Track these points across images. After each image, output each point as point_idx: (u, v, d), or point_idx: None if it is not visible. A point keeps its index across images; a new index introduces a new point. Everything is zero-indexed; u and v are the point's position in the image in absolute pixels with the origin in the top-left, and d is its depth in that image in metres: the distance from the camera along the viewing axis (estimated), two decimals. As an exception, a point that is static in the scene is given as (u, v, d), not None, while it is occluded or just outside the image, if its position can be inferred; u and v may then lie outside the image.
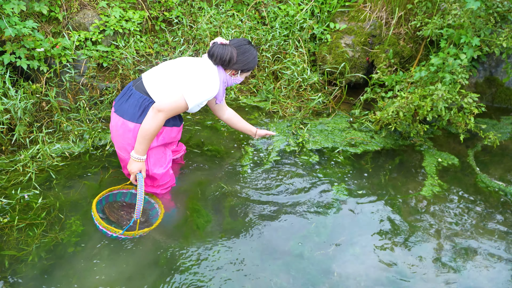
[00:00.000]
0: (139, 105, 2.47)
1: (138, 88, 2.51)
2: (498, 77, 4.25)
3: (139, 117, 2.46)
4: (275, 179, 3.19)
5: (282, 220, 2.84)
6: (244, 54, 2.58)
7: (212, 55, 2.52)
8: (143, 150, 2.46)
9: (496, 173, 3.41)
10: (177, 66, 2.55)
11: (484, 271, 2.57)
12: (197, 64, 2.54)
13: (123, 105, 2.51)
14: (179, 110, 2.46)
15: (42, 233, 2.61)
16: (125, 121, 2.49)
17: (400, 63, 4.12)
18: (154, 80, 2.50)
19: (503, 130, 3.91)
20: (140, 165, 2.51)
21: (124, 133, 2.52)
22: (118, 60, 3.80)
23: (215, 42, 2.55)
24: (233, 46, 2.56)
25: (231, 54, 2.51)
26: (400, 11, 4.09)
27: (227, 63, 2.53)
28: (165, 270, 2.45)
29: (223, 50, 2.50)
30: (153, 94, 2.47)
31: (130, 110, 2.48)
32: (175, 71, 2.51)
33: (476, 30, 3.44)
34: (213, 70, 2.55)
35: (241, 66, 2.60)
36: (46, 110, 3.53)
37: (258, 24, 4.38)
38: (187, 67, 2.52)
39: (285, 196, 3.04)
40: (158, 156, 2.67)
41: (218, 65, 2.58)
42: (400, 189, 3.19)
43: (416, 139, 3.74)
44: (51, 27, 3.72)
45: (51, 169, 3.08)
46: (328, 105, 4.14)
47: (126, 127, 2.50)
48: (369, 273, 2.52)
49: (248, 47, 2.60)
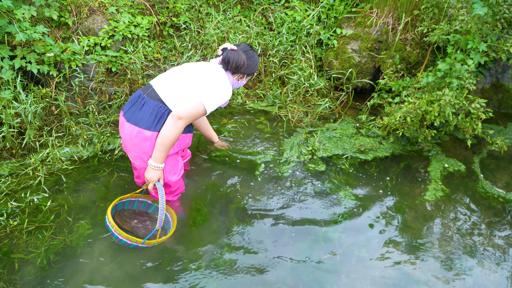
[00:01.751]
0: (155, 113, 2.43)
1: (151, 96, 2.48)
2: (505, 83, 4.24)
3: (156, 125, 2.43)
4: (283, 184, 3.20)
5: (289, 225, 2.84)
6: (250, 59, 2.71)
7: (227, 62, 2.62)
8: (161, 158, 2.46)
9: (503, 178, 3.41)
10: (187, 72, 2.57)
11: (490, 275, 2.57)
12: (209, 70, 2.60)
13: (137, 114, 2.47)
14: (198, 116, 2.51)
15: (51, 236, 2.64)
16: (141, 130, 2.44)
17: (407, 69, 4.13)
18: (167, 87, 2.50)
19: (509, 136, 3.90)
20: (159, 173, 2.51)
21: (140, 142, 2.48)
22: (126, 65, 3.84)
23: (225, 48, 2.65)
24: (242, 51, 2.67)
25: (244, 59, 2.64)
26: (406, 17, 4.11)
27: (240, 68, 2.65)
28: (171, 272, 2.47)
29: (237, 57, 2.62)
30: (168, 101, 2.45)
31: (146, 118, 2.44)
32: (187, 77, 2.53)
33: (483, 36, 3.44)
34: (224, 74, 2.63)
35: (248, 70, 2.73)
36: (56, 114, 3.57)
37: (265, 29, 4.41)
38: (199, 73, 2.56)
39: (293, 202, 3.05)
40: (173, 163, 2.68)
41: (229, 70, 2.67)
42: (406, 194, 3.19)
43: (424, 145, 3.74)
44: (61, 32, 3.77)
45: (61, 172, 3.11)
46: (335, 111, 4.15)
47: (143, 135, 2.45)
48: (375, 277, 2.52)
49: (252, 53, 2.74)
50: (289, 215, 2.92)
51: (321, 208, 3.00)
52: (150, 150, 2.49)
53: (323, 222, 2.88)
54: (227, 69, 2.67)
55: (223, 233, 2.75)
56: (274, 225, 2.83)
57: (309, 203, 3.03)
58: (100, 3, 3.94)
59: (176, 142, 2.59)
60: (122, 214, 2.70)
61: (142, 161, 2.56)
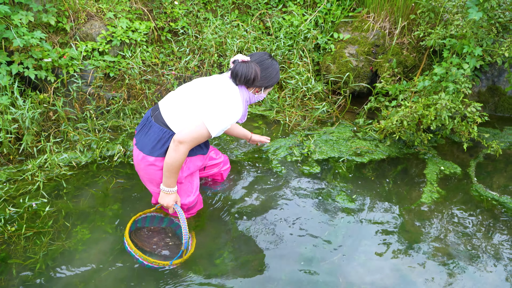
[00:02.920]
0: (158, 139, 2.36)
1: (157, 120, 2.40)
2: (501, 86, 4.27)
3: (159, 150, 2.36)
4: (279, 188, 3.21)
5: (286, 228, 2.85)
6: (267, 70, 2.44)
7: (236, 75, 2.38)
8: (172, 183, 2.39)
9: (499, 181, 3.43)
10: (194, 91, 2.42)
11: (486, 277, 2.58)
12: (217, 88, 2.40)
13: (143, 139, 2.41)
14: (202, 139, 2.34)
15: (49, 241, 2.64)
16: (145, 156, 2.40)
17: (404, 73, 4.16)
18: (172, 110, 2.38)
19: (504, 139, 3.92)
20: (174, 197, 2.44)
21: (146, 167, 2.43)
22: (124, 70, 3.85)
23: (236, 61, 2.41)
24: (255, 62, 2.41)
25: (255, 72, 2.37)
26: (403, 21, 4.13)
27: (251, 81, 2.39)
28: (169, 277, 2.47)
29: (247, 69, 2.35)
30: (172, 126, 2.35)
31: (150, 144, 2.37)
32: (193, 97, 2.38)
33: (478, 40, 3.47)
34: (234, 91, 2.40)
35: (265, 82, 2.46)
36: (53, 119, 3.57)
37: (263, 34, 4.43)
38: (206, 92, 2.38)
39: (288, 205, 3.05)
40: (185, 187, 2.61)
41: (241, 85, 2.44)
42: (402, 197, 3.20)
43: (420, 148, 3.76)
44: (59, 37, 3.78)
45: (60, 178, 3.12)
46: (332, 114, 4.17)
47: (147, 161, 2.40)
48: (374, 280, 2.53)
49: (270, 62, 2.45)
50: (285, 219, 2.92)
51: (318, 211, 3.01)
52: (156, 175, 2.44)
53: (320, 225, 2.89)
54: (237, 83, 2.42)
55: (218, 236, 2.76)
56: (271, 228, 2.84)
57: (305, 206, 3.04)
58: (97, 9, 3.95)
59: (185, 165, 2.50)
60: (139, 234, 2.65)
61: (151, 186, 2.54)
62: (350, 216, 2.99)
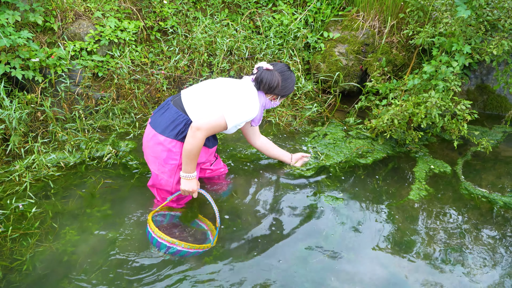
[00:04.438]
0: (172, 120, 2.50)
1: (176, 104, 2.55)
2: (489, 85, 4.30)
3: (170, 131, 2.50)
4: (273, 188, 3.20)
5: (280, 228, 2.84)
6: (286, 81, 2.66)
7: (260, 81, 2.58)
8: (191, 169, 2.50)
9: (488, 179, 3.44)
10: (217, 86, 2.57)
11: (476, 273, 2.59)
12: (239, 86, 2.57)
13: (158, 118, 2.56)
14: (217, 130, 2.48)
15: (36, 242, 2.60)
16: (156, 134, 2.53)
17: (393, 71, 4.17)
18: (193, 98, 2.53)
19: (492, 137, 3.95)
20: (194, 183, 2.56)
21: (154, 145, 2.56)
22: (113, 69, 3.82)
23: (260, 67, 2.61)
24: (278, 72, 2.61)
25: (278, 81, 2.59)
26: (392, 20, 4.14)
27: (273, 89, 2.60)
28: (159, 279, 2.44)
29: (271, 77, 2.57)
30: (189, 112, 2.50)
31: (163, 123, 2.52)
32: (215, 91, 2.53)
33: (467, 38, 3.49)
34: (254, 93, 2.58)
35: (283, 91, 2.68)
36: (41, 120, 3.53)
37: (253, 33, 4.42)
38: (228, 88, 2.54)
39: (283, 206, 3.04)
40: None
41: (261, 90, 2.63)
42: (392, 195, 3.20)
43: (412, 146, 3.77)
44: (46, 37, 3.74)
45: (47, 178, 3.08)
46: (323, 114, 4.16)
47: (157, 139, 2.54)
48: (364, 279, 2.52)
49: (289, 74, 2.67)
50: (277, 218, 2.91)
51: (309, 211, 3.00)
52: (162, 156, 2.55)
53: (311, 224, 2.88)
54: (259, 88, 2.63)
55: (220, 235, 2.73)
56: (262, 227, 2.82)
57: (297, 206, 3.03)
58: (85, 8, 3.92)
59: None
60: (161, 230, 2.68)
61: (153, 165, 2.64)
62: (340, 215, 2.99)
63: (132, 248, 2.61)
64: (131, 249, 2.60)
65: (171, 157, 2.57)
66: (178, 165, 2.60)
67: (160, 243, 2.39)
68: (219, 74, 4.15)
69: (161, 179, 2.67)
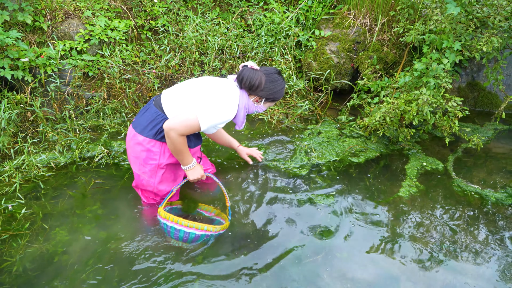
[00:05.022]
0: (151, 120, 2.50)
1: (156, 104, 2.54)
2: (480, 82, 4.32)
3: (149, 131, 2.50)
4: (264, 188, 3.19)
5: (272, 227, 2.83)
6: (272, 83, 2.55)
7: (241, 79, 2.49)
8: (187, 161, 2.53)
9: (479, 175, 3.46)
10: (197, 85, 2.52)
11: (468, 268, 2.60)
12: (219, 86, 2.50)
13: (139, 118, 2.57)
14: (191, 130, 2.42)
15: (26, 243, 2.58)
16: (136, 134, 2.54)
17: (385, 69, 4.18)
18: (171, 98, 2.50)
19: (483, 134, 3.97)
20: (198, 170, 2.60)
21: (134, 145, 2.57)
22: (104, 69, 3.79)
23: (245, 66, 2.53)
24: (263, 73, 2.54)
25: (261, 79, 2.49)
26: (383, 18, 4.15)
27: (255, 88, 2.50)
28: (150, 277, 2.43)
29: (253, 75, 2.48)
30: (167, 111, 2.48)
31: (143, 123, 2.52)
32: (194, 91, 2.48)
33: (457, 36, 3.50)
34: (234, 93, 2.51)
35: (267, 94, 2.56)
36: (31, 120, 3.50)
37: (244, 32, 4.41)
38: (207, 88, 2.49)
39: (276, 204, 3.04)
40: (167, 175, 2.68)
41: (243, 89, 2.54)
42: (384, 193, 3.21)
43: (405, 144, 3.78)
44: (36, 36, 3.70)
45: (37, 179, 3.05)
46: (315, 112, 4.16)
47: (136, 139, 2.54)
48: (356, 277, 2.52)
49: (277, 77, 2.57)
50: (269, 217, 2.91)
51: (302, 210, 3.00)
52: (142, 156, 2.56)
53: (303, 223, 2.88)
54: (241, 87, 2.54)
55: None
56: (254, 226, 2.82)
57: (289, 204, 3.03)
58: (75, 7, 3.89)
59: (167, 153, 2.59)
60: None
61: (135, 165, 2.66)
62: (332, 213, 2.99)
63: (123, 248, 2.59)
64: (122, 250, 2.58)
65: (150, 157, 2.57)
66: (158, 165, 2.59)
67: (178, 234, 2.47)
68: (210, 73, 4.13)
69: (142, 179, 2.67)
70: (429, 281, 2.52)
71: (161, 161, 2.59)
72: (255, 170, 3.33)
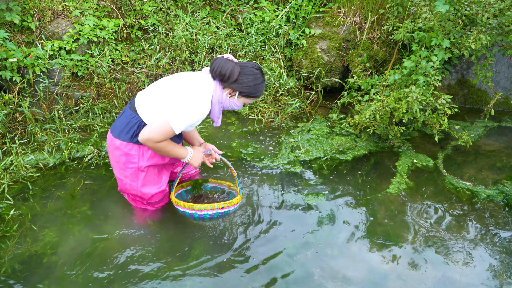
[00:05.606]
0: (126, 123, 2.46)
1: (131, 106, 2.50)
2: (470, 79, 4.35)
3: (125, 134, 2.46)
4: (255, 186, 3.19)
5: (262, 225, 2.83)
6: (246, 75, 2.40)
7: (213, 68, 2.37)
8: (180, 153, 2.52)
9: (469, 172, 3.48)
10: (169, 84, 2.44)
11: (458, 265, 2.61)
12: (191, 83, 2.40)
13: (116, 122, 2.53)
14: (167, 135, 2.35)
15: (15, 245, 2.56)
16: (113, 138, 2.51)
17: (375, 67, 4.19)
18: (144, 98, 2.45)
19: (473, 132, 4.00)
20: (196, 155, 2.60)
21: (113, 150, 2.54)
22: (93, 69, 3.77)
23: (221, 56, 2.41)
24: (238, 64, 2.41)
25: (232, 69, 2.35)
26: (372, 16, 4.16)
27: (226, 78, 2.37)
28: (140, 276, 2.42)
29: (225, 63, 2.35)
30: (141, 113, 2.43)
31: (119, 127, 2.49)
32: (165, 90, 2.41)
33: (446, 33, 3.51)
34: (207, 88, 2.40)
35: (240, 87, 2.41)
36: (20, 121, 3.47)
37: (234, 30, 4.41)
38: (178, 87, 2.40)
39: (267, 202, 3.04)
40: (149, 178, 2.63)
41: (216, 79, 2.42)
42: (375, 191, 3.22)
43: (395, 141, 3.80)
44: (24, 36, 3.67)
45: (26, 180, 3.03)
46: (305, 110, 4.17)
47: (114, 144, 2.51)
48: (347, 274, 2.53)
49: (253, 71, 2.42)
50: (261, 215, 2.91)
51: (292, 207, 3.00)
52: (121, 160, 2.53)
53: (296, 221, 2.88)
54: (213, 77, 2.41)
55: (194, 232, 2.72)
56: (244, 224, 2.81)
57: (279, 202, 3.03)
58: (64, 7, 3.86)
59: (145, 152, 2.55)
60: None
61: (115, 170, 2.64)
62: (322, 211, 2.99)
63: (113, 249, 2.58)
64: (112, 250, 2.57)
65: (129, 161, 2.53)
66: (138, 168, 2.55)
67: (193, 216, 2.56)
68: (201, 72, 4.12)
69: (125, 183, 2.64)
70: (419, 278, 2.54)
71: (141, 164, 2.54)
72: (243, 168, 3.33)
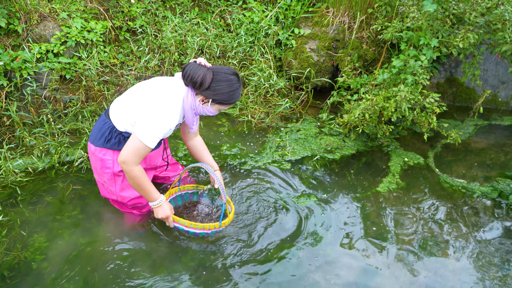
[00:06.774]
0: (99, 128, 2.49)
1: (106, 112, 2.53)
2: (458, 77, 4.38)
3: (98, 140, 2.48)
4: (245, 186, 3.19)
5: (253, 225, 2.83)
6: (219, 82, 2.29)
7: (184, 74, 2.28)
8: (151, 197, 2.42)
9: (459, 170, 3.51)
10: (142, 91, 2.38)
11: (451, 263, 2.63)
12: (161, 91, 2.33)
13: (93, 128, 2.56)
14: (143, 152, 2.29)
15: (4, 251, 2.53)
16: (89, 144, 2.56)
17: (364, 66, 4.20)
18: (118, 105, 2.46)
19: (464, 130, 4.03)
20: (164, 207, 2.47)
21: (90, 155, 2.59)
22: (81, 71, 3.74)
23: (194, 61, 2.31)
24: (211, 70, 2.30)
25: (204, 76, 2.24)
26: (361, 16, 4.17)
27: (198, 85, 2.27)
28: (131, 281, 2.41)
29: (196, 70, 2.24)
30: (113, 119, 2.46)
31: (93, 133, 2.52)
32: (137, 98, 2.37)
33: (434, 32, 3.53)
34: (177, 95, 2.32)
35: (213, 94, 2.30)
36: (8, 125, 3.44)
37: (224, 31, 4.39)
38: (149, 95, 2.33)
39: (257, 202, 3.04)
40: (127, 182, 2.60)
41: (188, 86, 2.32)
42: (367, 190, 3.23)
43: (383, 140, 3.81)
44: (10, 40, 3.63)
45: (15, 185, 2.99)
46: (296, 110, 4.17)
47: (90, 149, 2.56)
48: (340, 273, 2.54)
49: (227, 77, 2.30)
50: (252, 216, 2.91)
51: (284, 208, 3.00)
52: (98, 165, 2.56)
53: (287, 222, 2.88)
54: (185, 83, 2.32)
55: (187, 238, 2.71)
56: (238, 225, 2.81)
57: (272, 204, 3.03)
58: (51, 9, 3.82)
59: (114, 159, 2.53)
60: (177, 212, 2.80)
61: (95, 174, 2.68)
62: (314, 210, 3.00)
63: (103, 254, 2.56)
64: (102, 255, 2.56)
65: (105, 166, 2.53)
66: (113, 173, 2.54)
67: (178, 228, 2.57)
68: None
69: (106, 188, 2.66)
70: (412, 275, 2.55)
71: (116, 169, 2.52)
72: (233, 170, 3.32)
